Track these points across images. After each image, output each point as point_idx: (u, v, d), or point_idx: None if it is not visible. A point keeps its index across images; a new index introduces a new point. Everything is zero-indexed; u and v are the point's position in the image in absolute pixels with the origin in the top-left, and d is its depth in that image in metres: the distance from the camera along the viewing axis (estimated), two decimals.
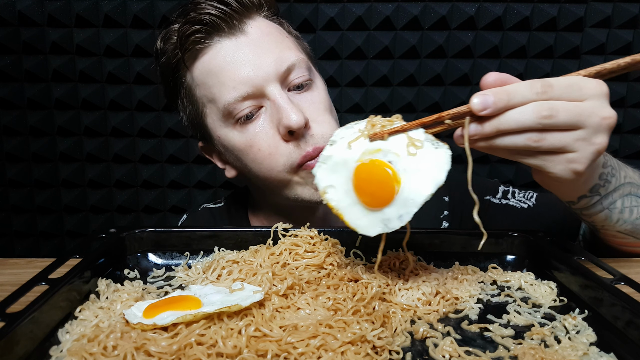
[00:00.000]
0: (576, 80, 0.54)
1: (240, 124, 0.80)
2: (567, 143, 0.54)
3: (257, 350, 0.46)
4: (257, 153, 0.80)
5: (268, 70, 0.78)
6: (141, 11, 1.37)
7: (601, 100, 0.54)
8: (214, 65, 0.79)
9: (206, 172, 1.51)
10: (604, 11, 1.38)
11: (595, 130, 0.54)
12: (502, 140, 0.54)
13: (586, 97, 0.54)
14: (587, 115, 0.53)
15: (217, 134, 0.84)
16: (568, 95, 0.53)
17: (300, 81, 0.81)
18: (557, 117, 0.52)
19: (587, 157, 0.54)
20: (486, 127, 0.54)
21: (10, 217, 1.50)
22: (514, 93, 0.53)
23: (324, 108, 0.83)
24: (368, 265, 0.70)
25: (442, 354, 0.48)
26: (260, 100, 0.79)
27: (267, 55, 0.79)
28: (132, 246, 0.70)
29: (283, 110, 0.77)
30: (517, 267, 0.71)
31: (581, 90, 0.54)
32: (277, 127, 0.78)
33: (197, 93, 0.84)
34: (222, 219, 1.00)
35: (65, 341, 0.49)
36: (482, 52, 1.42)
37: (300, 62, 0.81)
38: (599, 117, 0.53)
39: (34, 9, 1.36)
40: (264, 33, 0.81)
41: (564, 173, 0.55)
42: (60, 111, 1.44)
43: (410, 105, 1.45)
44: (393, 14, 1.39)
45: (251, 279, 0.60)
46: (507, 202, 0.93)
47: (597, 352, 0.49)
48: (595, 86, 0.54)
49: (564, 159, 0.55)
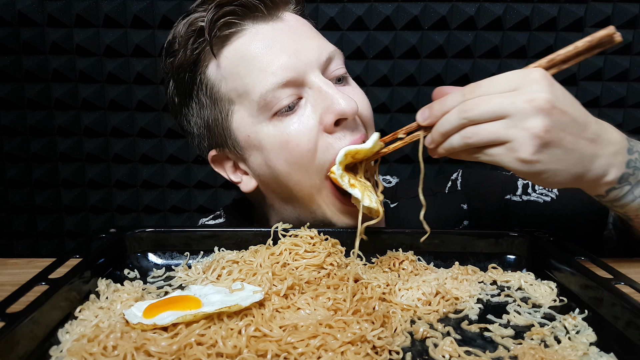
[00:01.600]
0: (506, 74, 0.57)
1: (278, 116, 0.72)
2: (498, 133, 0.56)
3: (257, 350, 0.46)
4: (294, 150, 0.71)
5: (310, 56, 0.72)
6: (141, 11, 1.37)
7: (530, 86, 0.55)
8: (249, 51, 0.72)
9: (206, 172, 1.50)
10: (604, 11, 1.38)
11: (522, 116, 0.54)
12: (448, 143, 0.60)
13: (515, 87, 0.56)
14: (509, 104, 0.55)
15: (247, 132, 0.74)
16: (495, 89, 0.56)
17: (340, 73, 0.76)
18: (477, 109, 0.56)
19: (526, 143, 0.55)
20: (433, 134, 0.61)
21: (10, 217, 1.50)
22: (446, 100, 0.60)
23: (367, 102, 0.78)
24: (368, 265, 0.70)
25: (442, 354, 0.48)
26: (300, 90, 0.72)
27: (307, 42, 0.74)
28: (132, 246, 0.70)
29: (331, 97, 0.70)
30: (517, 267, 0.71)
31: (508, 82, 0.56)
32: (322, 117, 0.71)
33: (222, 88, 0.75)
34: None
35: (65, 341, 0.49)
36: (482, 52, 1.42)
37: (339, 54, 0.77)
38: (523, 101, 0.54)
39: (34, 9, 1.36)
40: (300, 22, 0.77)
41: (514, 164, 0.56)
42: (60, 111, 1.44)
43: (410, 105, 1.45)
44: (393, 14, 1.39)
45: (251, 279, 0.60)
46: (528, 198, 0.88)
47: (597, 352, 0.49)
48: (523, 75, 0.56)
49: (506, 149, 0.56)
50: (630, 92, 1.44)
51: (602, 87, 1.44)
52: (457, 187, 0.94)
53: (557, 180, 0.59)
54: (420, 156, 0.63)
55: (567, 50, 0.59)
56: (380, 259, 0.70)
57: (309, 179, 0.73)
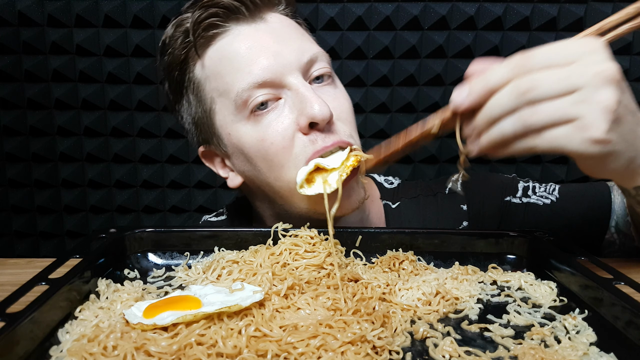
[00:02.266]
0: (560, 44, 0.50)
1: (255, 115, 0.73)
2: (565, 110, 0.48)
3: (257, 350, 0.46)
4: (269, 148, 0.72)
5: (290, 58, 0.72)
6: (141, 11, 1.37)
7: (592, 56, 0.49)
8: (230, 51, 0.73)
9: (206, 172, 1.50)
10: (604, 11, 1.38)
11: (593, 87, 0.48)
12: (497, 130, 0.51)
13: (575, 58, 0.49)
14: (576, 76, 0.48)
15: (228, 130, 0.77)
16: (552, 62, 0.49)
17: (323, 73, 0.76)
18: (540, 88, 0.48)
19: (599, 119, 0.48)
20: (478, 121, 0.52)
21: (10, 217, 1.51)
22: (491, 76, 0.51)
23: (348, 106, 0.77)
24: (368, 265, 0.70)
25: (442, 354, 0.48)
26: (278, 90, 0.73)
27: (288, 44, 0.73)
28: (132, 246, 0.70)
29: (307, 100, 0.70)
30: (517, 267, 0.71)
31: (567, 52, 0.49)
32: (297, 118, 0.71)
33: (206, 87, 0.77)
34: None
35: (65, 341, 0.49)
36: (482, 52, 1.42)
37: (323, 56, 0.76)
38: (592, 73, 0.48)
39: (34, 9, 1.36)
40: (284, 24, 0.77)
41: (585, 146, 0.48)
42: (60, 111, 1.44)
43: (410, 105, 1.45)
44: (393, 14, 1.39)
45: (251, 279, 0.60)
46: (528, 201, 0.87)
47: (597, 352, 0.49)
48: (581, 44, 0.50)
49: (574, 128, 0.48)
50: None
51: None
52: (457, 188, 0.94)
53: (616, 166, 0.53)
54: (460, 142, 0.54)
55: (614, 17, 0.53)
56: (380, 259, 0.70)
57: (286, 175, 0.74)
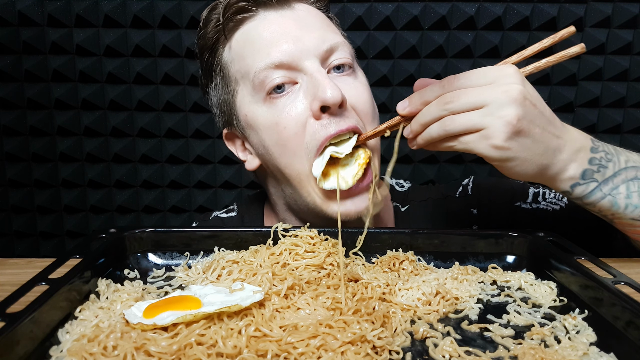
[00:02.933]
0: (482, 69, 0.63)
1: (271, 97, 0.75)
2: (475, 120, 0.60)
3: (257, 350, 0.46)
4: (282, 132, 0.74)
5: (309, 44, 0.74)
6: (141, 11, 1.37)
7: (505, 79, 0.61)
8: (254, 35, 0.76)
9: (206, 172, 1.51)
10: (604, 11, 1.38)
11: (499, 104, 0.59)
12: (427, 133, 0.64)
13: (491, 81, 0.61)
14: (487, 93, 0.60)
15: (245, 111, 0.79)
16: (472, 82, 0.62)
17: (342, 62, 0.77)
18: (458, 101, 0.61)
19: (500, 130, 0.59)
20: (413, 125, 0.66)
21: (10, 217, 1.50)
22: (425, 92, 0.64)
23: (367, 97, 0.78)
24: (368, 265, 0.70)
25: (442, 354, 0.48)
26: (295, 74, 0.74)
27: (310, 31, 0.75)
28: (132, 246, 0.70)
29: (319, 84, 0.71)
30: (517, 267, 0.71)
31: (485, 76, 0.62)
32: (311, 103, 0.73)
33: (231, 69, 0.80)
34: None
35: (65, 341, 0.49)
36: (482, 52, 1.42)
37: (344, 46, 0.78)
38: (499, 92, 0.60)
39: (34, 9, 1.36)
40: (311, 14, 0.79)
41: (487, 150, 0.61)
42: (60, 111, 1.44)
43: None
44: (393, 14, 1.39)
45: (251, 279, 0.60)
46: (537, 207, 0.90)
47: (597, 352, 0.49)
48: (498, 69, 0.62)
49: (480, 136, 0.61)
50: (630, 92, 1.44)
51: (602, 87, 1.44)
52: (467, 192, 0.95)
53: (523, 170, 0.64)
54: (397, 143, 0.67)
55: (535, 47, 0.67)
56: (380, 259, 0.70)
57: (298, 163, 0.75)
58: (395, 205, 0.94)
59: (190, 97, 1.45)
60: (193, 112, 1.46)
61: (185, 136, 1.48)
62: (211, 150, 1.49)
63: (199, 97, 1.44)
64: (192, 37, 1.39)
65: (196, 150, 1.49)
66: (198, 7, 1.38)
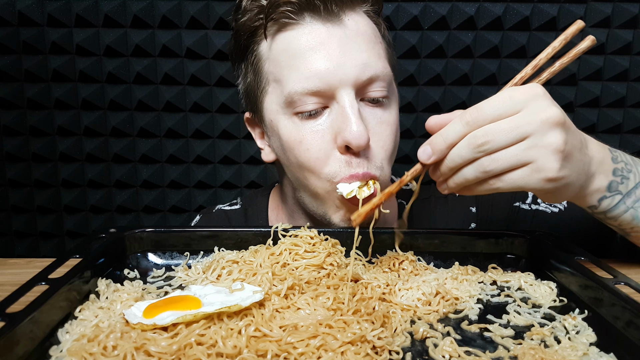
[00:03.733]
0: (506, 94, 0.54)
1: (299, 117, 0.74)
2: (520, 156, 0.53)
3: (257, 350, 0.46)
4: (304, 152, 0.73)
5: (349, 72, 0.71)
6: (141, 11, 1.37)
7: (536, 102, 0.54)
8: (295, 46, 0.72)
9: (206, 172, 1.51)
10: (604, 11, 1.38)
11: (542, 133, 0.53)
12: (460, 176, 0.57)
13: (521, 107, 0.54)
14: (525, 124, 0.53)
15: (271, 116, 0.77)
16: (501, 113, 0.54)
17: (378, 95, 0.74)
18: (493, 141, 0.53)
19: (550, 160, 0.53)
20: (442, 169, 0.58)
21: (10, 217, 1.50)
22: (447, 133, 0.56)
23: (390, 132, 0.76)
24: (368, 265, 0.70)
25: (442, 354, 0.48)
26: (328, 100, 0.73)
27: (354, 56, 0.71)
28: (132, 246, 0.70)
29: (348, 121, 0.70)
30: (517, 267, 0.71)
31: (513, 102, 0.54)
32: (336, 135, 0.72)
33: (265, 67, 0.77)
34: (239, 223, 0.95)
35: (65, 341, 0.49)
36: (482, 52, 1.42)
37: (385, 76, 0.74)
38: (539, 121, 0.53)
39: (34, 9, 1.36)
40: (359, 31, 0.74)
41: (542, 184, 0.54)
42: (60, 111, 1.44)
43: (410, 105, 1.45)
44: (393, 14, 1.39)
45: (251, 279, 0.60)
46: (537, 208, 0.89)
47: (597, 352, 0.49)
48: (525, 92, 0.54)
49: (530, 170, 0.54)
50: (630, 92, 1.44)
51: (602, 87, 1.44)
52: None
53: (568, 194, 0.59)
54: (418, 186, 0.62)
55: (546, 52, 0.60)
56: (380, 259, 0.70)
57: (317, 181, 0.75)
58: (400, 202, 0.96)
59: (190, 97, 1.44)
60: (193, 112, 1.46)
61: (185, 136, 1.48)
62: (211, 150, 1.49)
63: (199, 97, 1.44)
64: (192, 37, 1.39)
65: (196, 150, 1.49)
66: (198, 7, 1.38)
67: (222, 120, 1.47)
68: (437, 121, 0.58)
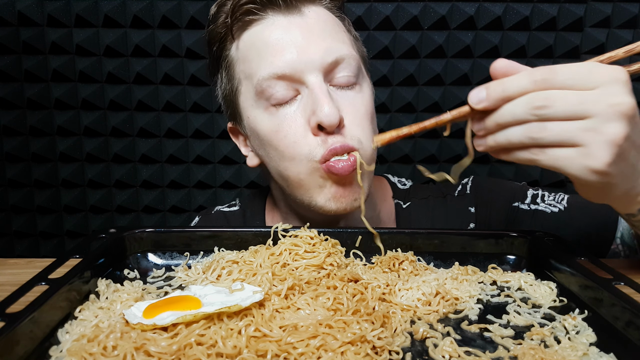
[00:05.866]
0: (586, 66, 0.50)
1: (273, 106, 0.75)
2: (572, 134, 0.49)
3: (257, 350, 0.46)
4: (281, 140, 0.75)
5: (314, 57, 0.73)
6: (141, 11, 1.37)
7: (613, 87, 0.49)
8: (259, 39, 0.76)
9: (206, 172, 1.51)
10: (604, 11, 1.38)
11: (604, 118, 0.48)
12: (504, 135, 0.52)
13: (596, 85, 0.49)
14: (591, 103, 0.48)
15: (247, 113, 0.80)
16: (573, 83, 0.49)
17: (345, 82, 0.76)
18: (553, 107, 0.49)
19: (602, 150, 0.48)
20: (488, 123, 0.53)
21: (10, 217, 1.50)
22: (510, 84, 0.51)
23: (364, 111, 0.77)
24: (368, 265, 0.70)
25: (442, 354, 0.48)
26: (297, 85, 0.75)
27: (317, 42, 0.74)
28: (132, 246, 0.70)
29: (318, 102, 0.71)
30: (517, 267, 0.71)
31: (590, 77, 0.49)
32: (309, 118, 0.73)
33: (236, 68, 0.81)
34: (238, 224, 0.96)
35: (65, 341, 0.49)
36: (482, 52, 1.42)
37: (350, 59, 0.76)
38: (606, 104, 0.48)
39: (34, 9, 1.36)
40: (320, 20, 0.77)
41: (585, 173, 0.50)
42: (60, 111, 1.44)
43: (410, 105, 1.45)
44: (393, 14, 1.39)
45: (251, 279, 0.60)
46: (536, 208, 0.88)
47: (597, 352, 0.49)
48: (607, 72, 0.50)
49: (578, 153, 0.49)
50: None
51: None
52: (466, 191, 0.96)
53: (611, 196, 0.55)
54: (469, 140, 0.56)
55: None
56: (380, 259, 0.70)
57: (295, 168, 0.76)
58: (397, 202, 0.96)
59: (190, 97, 1.45)
60: (193, 112, 1.46)
61: (185, 136, 1.48)
62: (211, 150, 1.49)
63: (199, 97, 1.44)
64: (192, 37, 1.39)
65: (196, 150, 1.49)
66: (198, 7, 1.38)
67: (222, 120, 1.47)
68: (505, 66, 0.53)
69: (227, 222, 0.97)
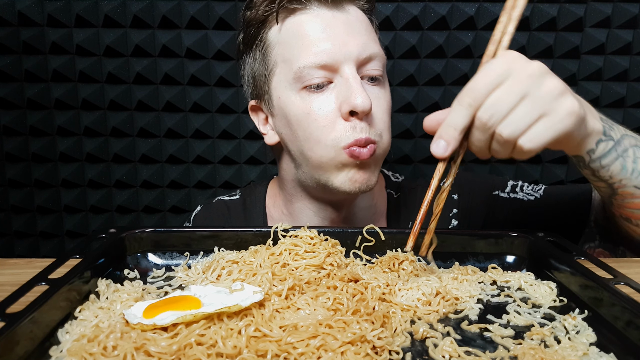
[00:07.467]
0: (486, 69, 0.59)
1: (307, 90, 0.80)
2: (531, 112, 0.56)
3: (257, 350, 0.46)
4: (311, 122, 0.80)
5: (352, 50, 0.79)
6: (141, 11, 1.37)
7: (517, 64, 0.58)
8: (305, 29, 0.80)
9: (206, 172, 1.51)
10: (604, 11, 1.38)
11: (537, 86, 0.56)
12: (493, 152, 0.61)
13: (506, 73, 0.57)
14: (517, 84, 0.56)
15: (279, 94, 0.84)
16: (493, 87, 0.57)
17: (376, 74, 0.83)
18: (499, 111, 0.56)
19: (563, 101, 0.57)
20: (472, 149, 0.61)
21: (10, 217, 1.50)
22: (454, 120, 0.59)
23: (386, 107, 0.84)
24: (368, 265, 0.70)
25: (442, 354, 0.48)
26: (332, 74, 0.80)
27: (355, 37, 0.80)
28: (132, 246, 0.70)
29: (352, 90, 0.77)
30: (517, 267, 0.71)
31: (497, 72, 0.58)
32: (341, 105, 0.78)
33: (274, 51, 0.84)
34: (237, 212, 1.02)
35: (65, 341, 0.49)
36: (482, 52, 1.41)
37: (380, 57, 0.84)
38: (527, 77, 0.56)
39: (34, 9, 1.36)
40: (359, 18, 0.84)
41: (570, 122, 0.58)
42: (60, 111, 1.43)
43: (410, 105, 1.45)
44: (393, 14, 1.39)
45: (251, 279, 0.60)
46: (515, 196, 0.96)
47: (597, 352, 0.49)
48: (502, 60, 0.59)
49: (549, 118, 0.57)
50: (630, 92, 1.44)
51: (602, 87, 1.44)
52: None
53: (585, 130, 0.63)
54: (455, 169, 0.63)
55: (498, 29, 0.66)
56: (380, 259, 0.70)
57: (320, 150, 0.81)
58: (389, 192, 1.02)
59: (191, 97, 1.44)
60: (193, 112, 1.46)
61: (185, 136, 1.48)
62: (211, 150, 1.49)
63: (199, 97, 1.44)
64: (192, 37, 1.39)
65: (196, 150, 1.49)
66: (198, 7, 1.37)
67: (222, 120, 1.47)
68: (435, 118, 0.61)
69: (228, 210, 1.01)
